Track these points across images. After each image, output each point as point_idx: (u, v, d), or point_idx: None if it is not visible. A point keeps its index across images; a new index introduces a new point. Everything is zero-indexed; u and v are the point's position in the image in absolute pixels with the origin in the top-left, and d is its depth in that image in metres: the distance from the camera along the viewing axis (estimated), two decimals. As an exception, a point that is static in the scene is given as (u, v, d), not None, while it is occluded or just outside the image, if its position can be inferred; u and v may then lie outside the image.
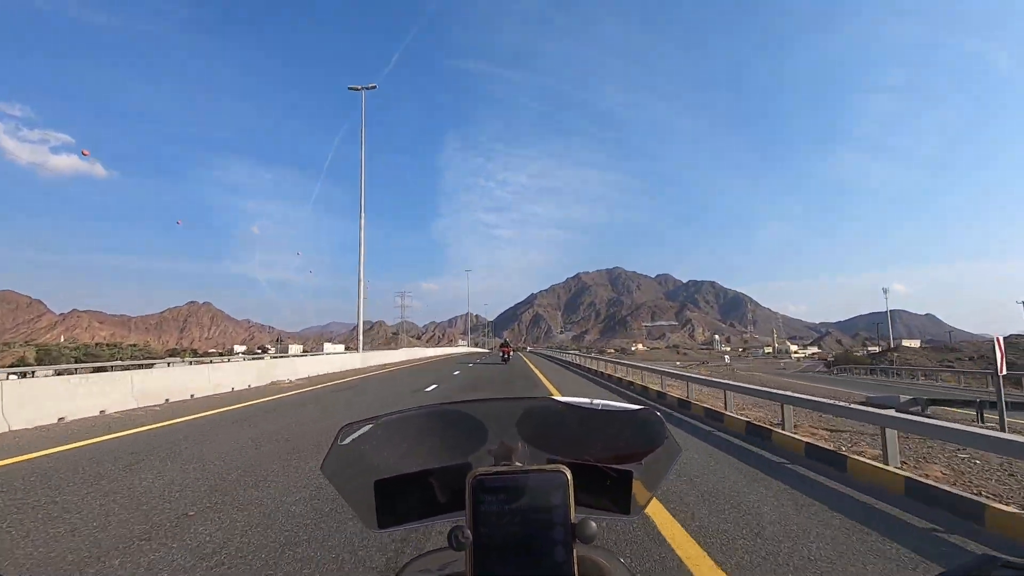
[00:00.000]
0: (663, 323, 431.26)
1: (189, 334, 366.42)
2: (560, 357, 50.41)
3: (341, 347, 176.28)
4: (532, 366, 34.26)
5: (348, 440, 0.76)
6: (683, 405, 12.12)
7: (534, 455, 0.78)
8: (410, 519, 0.78)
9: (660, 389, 14.86)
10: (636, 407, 0.82)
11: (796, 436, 7.46)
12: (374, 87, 40.52)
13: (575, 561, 0.58)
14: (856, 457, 6.14)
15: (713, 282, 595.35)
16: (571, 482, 0.61)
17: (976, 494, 4.74)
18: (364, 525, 0.78)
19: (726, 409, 10.22)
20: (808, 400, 7.99)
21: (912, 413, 11.06)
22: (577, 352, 68.14)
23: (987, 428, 8.09)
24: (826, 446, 6.81)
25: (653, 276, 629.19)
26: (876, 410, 6.53)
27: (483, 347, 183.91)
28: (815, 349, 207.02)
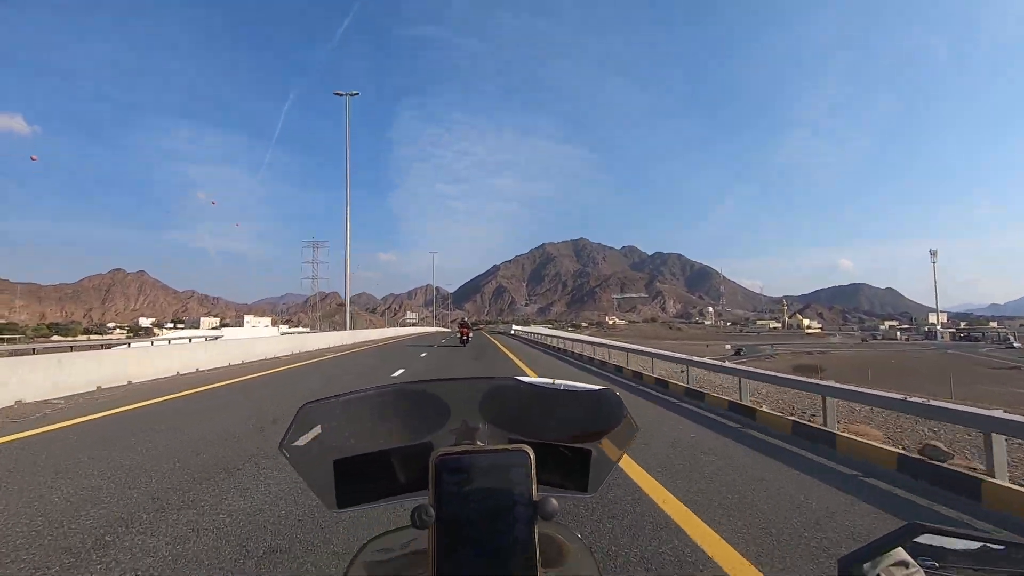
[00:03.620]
0: (633, 295, 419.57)
1: (113, 305, 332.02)
2: (540, 340, 35.41)
3: (266, 320, 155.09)
4: (504, 350, 26.68)
5: (308, 418, 0.75)
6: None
7: (496, 435, 0.78)
8: (370, 499, 0.78)
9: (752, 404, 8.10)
10: (597, 387, 0.84)
11: None
12: (356, 94, 43.76)
13: (536, 537, 0.59)
14: None
15: (679, 254, 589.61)
16: (533, 461, 0.62)
17: None
18: (324, 505, 0.77)
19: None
20: None
21: None
22: (551, 328, 50.72)
23: None
24: None
25: (619, 248, 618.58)
26: None
27: (442, 324, 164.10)
28: (808, 322, 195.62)
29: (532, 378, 0.85)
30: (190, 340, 23.40)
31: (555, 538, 0.72)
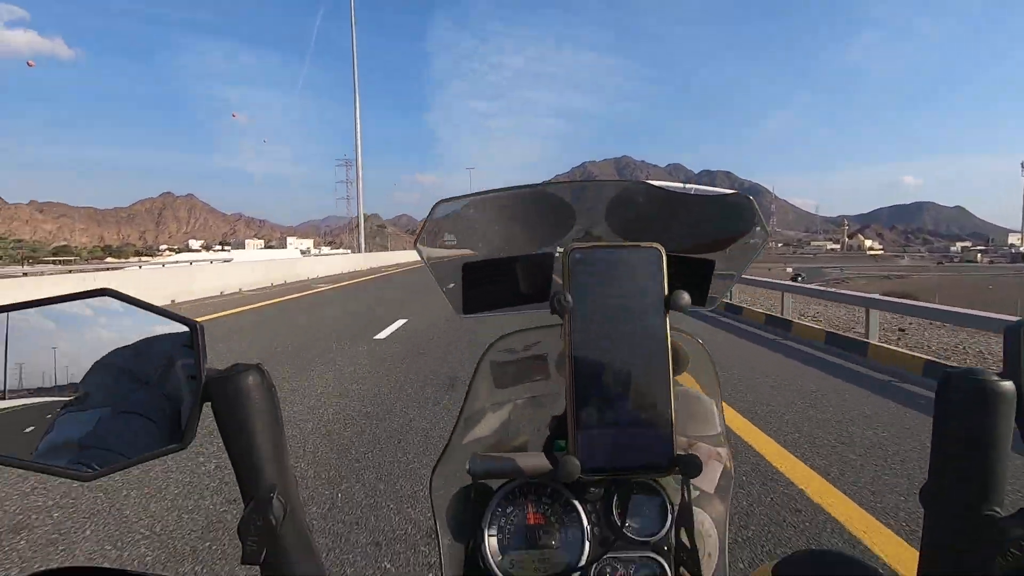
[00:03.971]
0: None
1: (166, 227, 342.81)
2: None
3: (308, 242, 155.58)
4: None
5: (441, 215, 0.74)
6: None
7: (619, 239, 0.77)
8: (495, 306, 0.78)
9: None
10: (729, 191, 0.79)
11: None
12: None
13: (668, 328, 0.59)
14: None
15: (728, 172, 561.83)
16: (665, 258, 0.61)
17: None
18: (452, 307, 0.77)
19: None
20: None
21: None
22: None
23: None
24: None
25: (664, 166, 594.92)
26: None
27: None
28: (869, 243, 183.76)
29: (662, 182, 0.70)
30: (191, 263, 21.40)
31: (678, 341, 0.69)
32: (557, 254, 0.75)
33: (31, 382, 0.43)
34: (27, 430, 0.43)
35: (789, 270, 79.01)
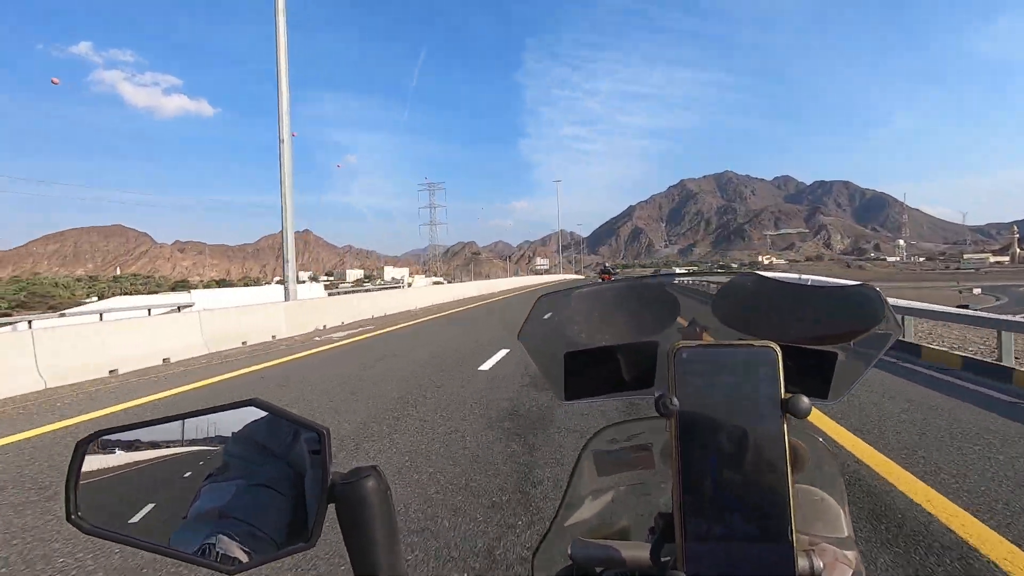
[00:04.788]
0: (790, 230, 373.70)
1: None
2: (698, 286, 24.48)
3: (404, 271, 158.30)
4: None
5: (543, 310, 0.76)
6: None
7: (728, 335, 0.72)
8: (596, 392, 0.77)
9: None
10: (853, 282, 0.76)
11: None
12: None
13: (786, 435, 0.55)
14: None
15: (846, 182, 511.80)
16: (781, 358, 0.57)
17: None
18: (554, 395, 0.77)
19: None
20: None
21: None
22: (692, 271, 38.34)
23: None
24: None
25: (770, 179, 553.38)
26: None
27: (575, 270, 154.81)
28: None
29: (775, 273, 0.68)
30: (148, 311, 16.60)
31: (796, 440, 0.65)
32: (660, 341, 0.75)
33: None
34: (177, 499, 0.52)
35: (977, 291, 62.07)
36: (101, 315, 14.02)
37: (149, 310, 16.63)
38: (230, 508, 0.50)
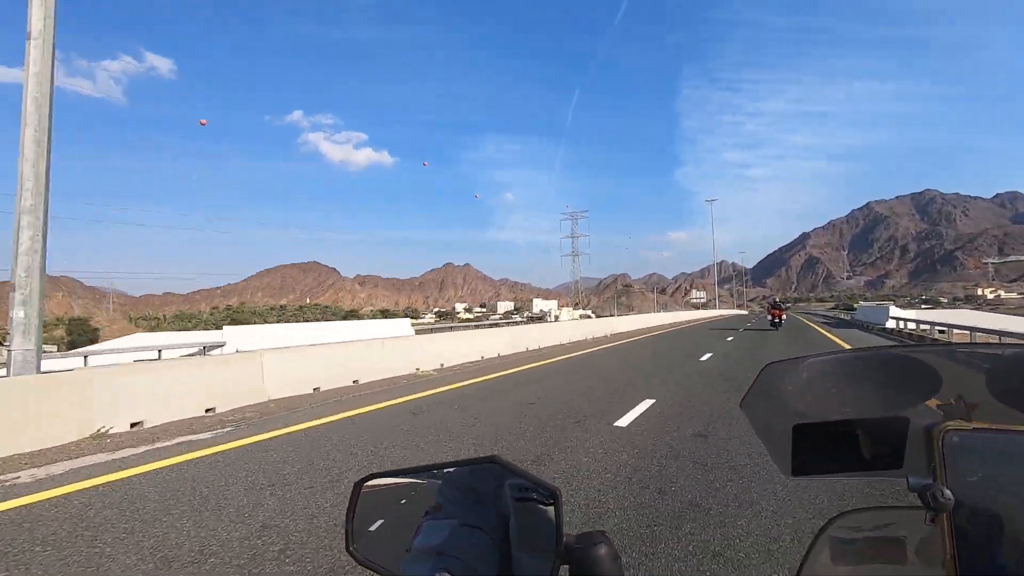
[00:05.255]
0: (1021, 257, 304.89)
1: (445, 293, 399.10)
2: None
3: (552, 303, 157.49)
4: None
5: (769, 378, 0.72)
6: None
7: (1003, 415, 0.64)
8: (829, 471, 0.70)
9: None
10: None
11: None
12: None
13: None
14: None
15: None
16: None
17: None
18: (779, 469, 0.72)
19: None
20: None
21: None
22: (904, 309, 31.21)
23: None
24: None
25: (989, 197, 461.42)
26: None
27: (736, 304, 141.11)
28: None
29: (1006, 314, 0.74)
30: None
31: None
32: (911, 418, 0.67)
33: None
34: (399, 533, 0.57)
35: None
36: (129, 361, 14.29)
37: (160, 352, 16.54)
38: (447, 547, 0.53)
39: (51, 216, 6.72)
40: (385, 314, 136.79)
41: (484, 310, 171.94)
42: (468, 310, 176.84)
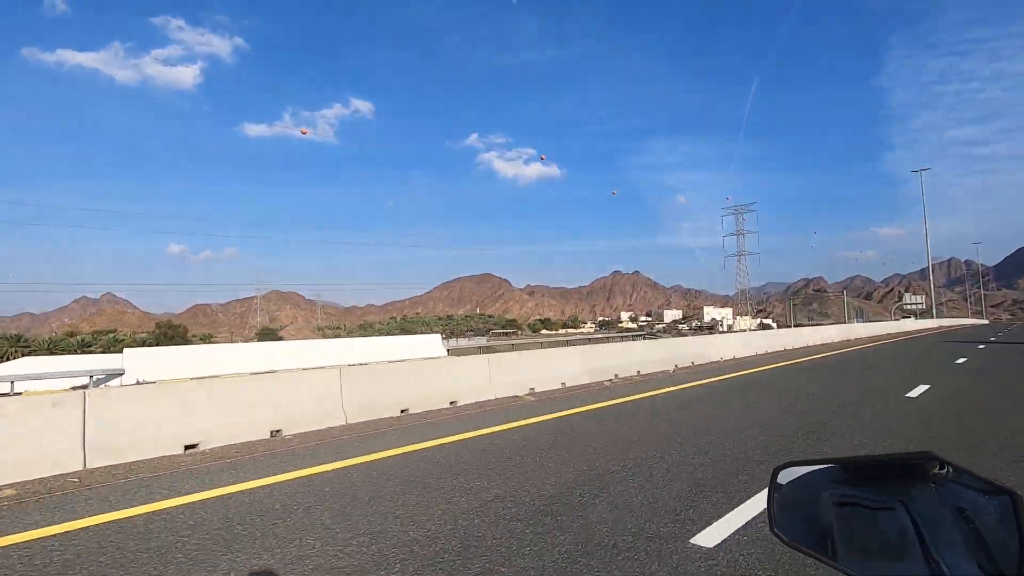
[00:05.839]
0: None
1: (614, 302, 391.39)
2: None
3: (726, 311, 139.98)
4: None
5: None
6: None
7: None
8: None
9: None
10: None
11: None
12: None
13: None
14: None
15: None
16: None
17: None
18: None
19: None
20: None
21: None
22: None
23: None
24: None
25: None
26: None
27: (974, 311, 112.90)
28: None
29: None
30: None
31: None
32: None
33: None
34: None
35: None
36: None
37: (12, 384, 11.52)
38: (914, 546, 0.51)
39: (283, 241, 5.26)
40: (544, 323, 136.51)
41: (650, 319, 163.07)
42: (634, 319, 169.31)
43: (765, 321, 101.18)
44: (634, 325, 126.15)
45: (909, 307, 61.19)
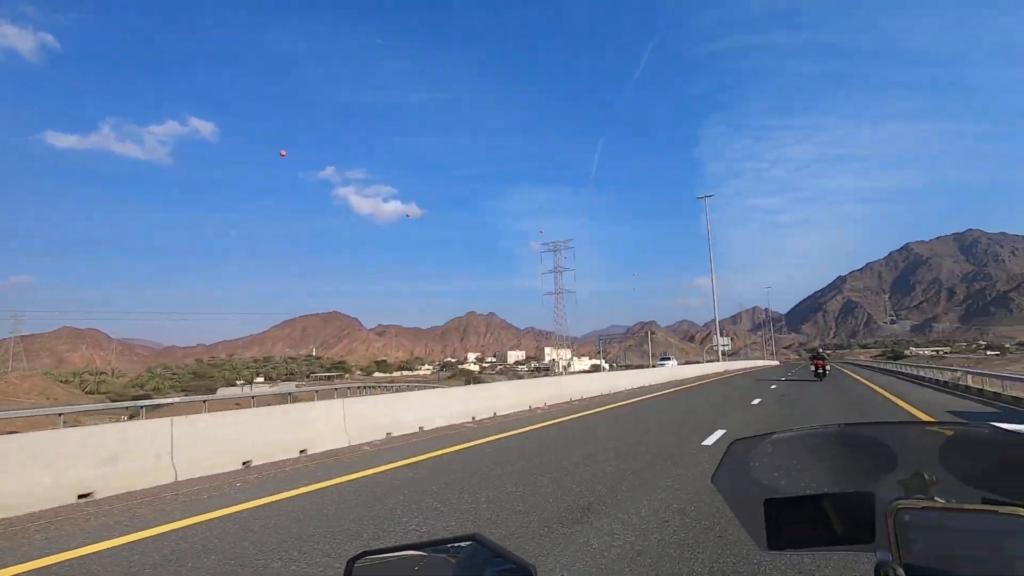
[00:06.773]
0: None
1: (467, 343, 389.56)
2: None
3: (565, 353, 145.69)
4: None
5: (739, 454, 0.74)
6: None
7: (962, 492, 0.64)
8: (803, 544, 0.71)
9: None
10: None
11: None
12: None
13: None
14: None
15: None
16: None
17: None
18: (754, 543, 0.72)
19: None
20: None
21: None
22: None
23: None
24: None
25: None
26: None
27: (769, 352, 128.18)
28: None
29: (1016, 426, 0.66)
30: None
31: None
32: (877, 493, 0.67)
33: None
34: None
35: None
36: None
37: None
38: None
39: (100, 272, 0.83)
40: (379, 365, 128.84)
41: (494, 360, 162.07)
42: (479, 360, 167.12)
43: (594, 362, 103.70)
44: (475, 367, 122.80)
45: (719, 347, 65.10)
